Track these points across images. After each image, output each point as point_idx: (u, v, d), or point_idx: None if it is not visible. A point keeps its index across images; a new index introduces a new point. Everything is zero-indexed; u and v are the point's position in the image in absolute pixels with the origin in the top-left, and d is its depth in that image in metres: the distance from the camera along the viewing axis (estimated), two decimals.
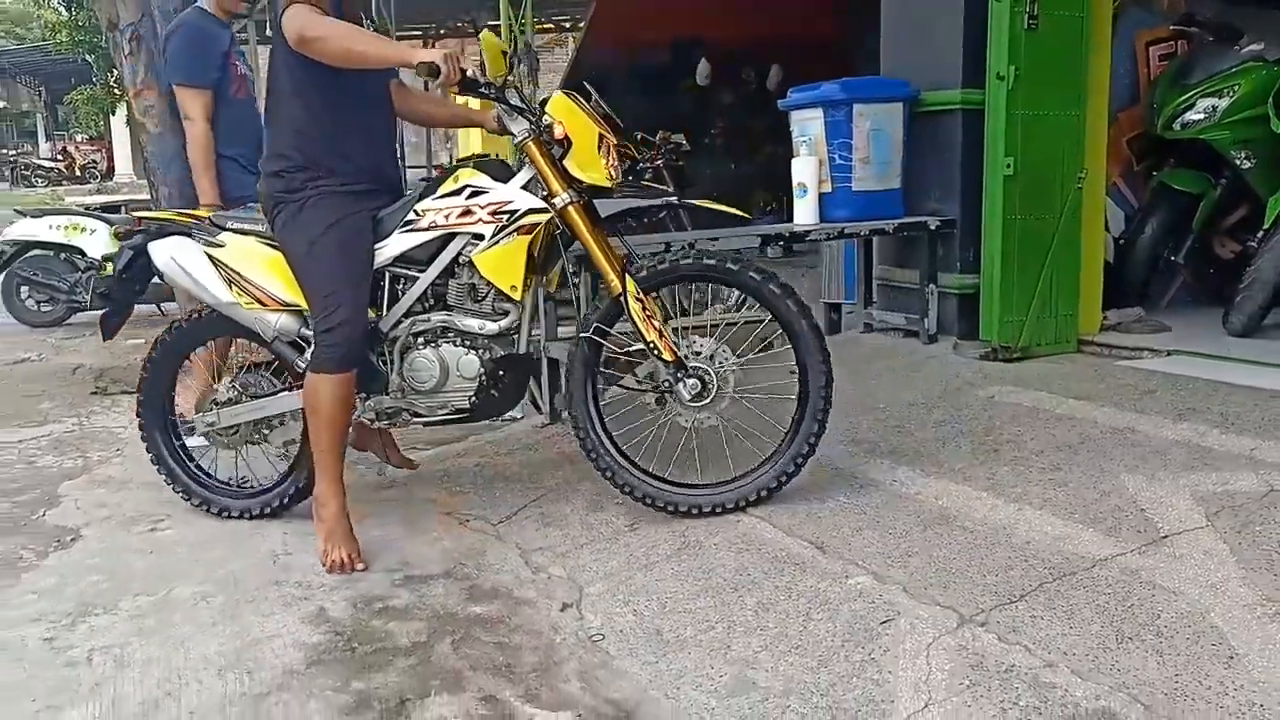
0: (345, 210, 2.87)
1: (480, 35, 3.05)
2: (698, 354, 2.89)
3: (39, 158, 32.85)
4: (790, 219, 4.22)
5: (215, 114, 3.80)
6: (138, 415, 3.27)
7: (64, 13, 19.39)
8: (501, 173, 2.94)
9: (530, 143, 2.82)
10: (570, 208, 2.81)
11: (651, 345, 2.84)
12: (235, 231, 3.07)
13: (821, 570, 2.55)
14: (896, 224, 4.08)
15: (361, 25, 2.94)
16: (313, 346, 2.90)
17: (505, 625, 2.48)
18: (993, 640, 2.13)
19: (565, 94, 2.92)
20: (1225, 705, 1.86)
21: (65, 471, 3.76)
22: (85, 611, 2.58)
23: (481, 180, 2.88)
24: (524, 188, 2.87)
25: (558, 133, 2.79)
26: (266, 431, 3.19)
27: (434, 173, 9.35)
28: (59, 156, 31.54)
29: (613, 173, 2.84)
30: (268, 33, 10.55)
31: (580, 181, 2.83)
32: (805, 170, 4.03)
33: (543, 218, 2.83)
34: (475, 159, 3.44)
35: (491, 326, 2.94)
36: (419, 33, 15.83)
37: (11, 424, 4.47)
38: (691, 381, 2.86)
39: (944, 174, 4.18)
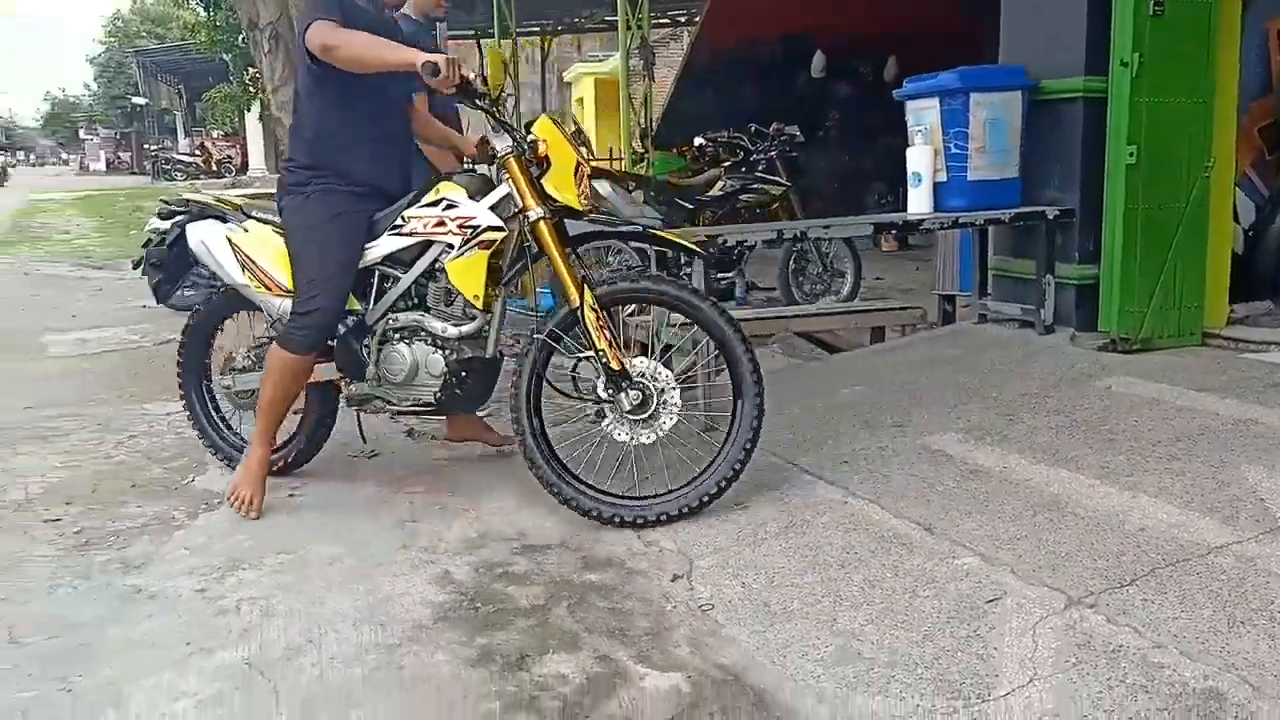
0: (343, 208, 3.16)
1: (486, 46, 3.27)
2: (640, 373, 2.98)
3: (178, 153, 34.58)
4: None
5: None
6: (178, 380, 3.65)
7: (203, 14, 20.40)
8: (483, 187, 3.15)
9: (511, 159, 3.00)
10: (541, 223, 2.97)
11: (600, 352, 2.95)
12: (259, 221, 3.37)
13: (929, 550, 2.58)
14: (1013, 213, 4.05)
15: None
16: (286, 323, 3.20)
17: (618, 593, 2.59)
18: (1101, 621, 2.15)
19: (549, 117, 3.11)
20: None
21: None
22: (232, 566, 2.79)
23: (456, 194, 3.11)
24: (494, 206, 3.06)
25: (540, 150, 2.98)
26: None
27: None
28: (196, 151, 33.13)
29: (583, 199, 3.03)
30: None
31: (554, 200, 2.98)
32: (920, 159, 4.04)
33: (499, 235, 3.05)
34: (460, 172, 3.56)
35: (453, 330, 3.16)
36: (537, 28, 16.12)
37: (162, 398, 4.79)
38: (633, 393, 2.95)
39: (1063, 163, 4.13)
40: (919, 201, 4.06)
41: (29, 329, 6.65)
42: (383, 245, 3.18)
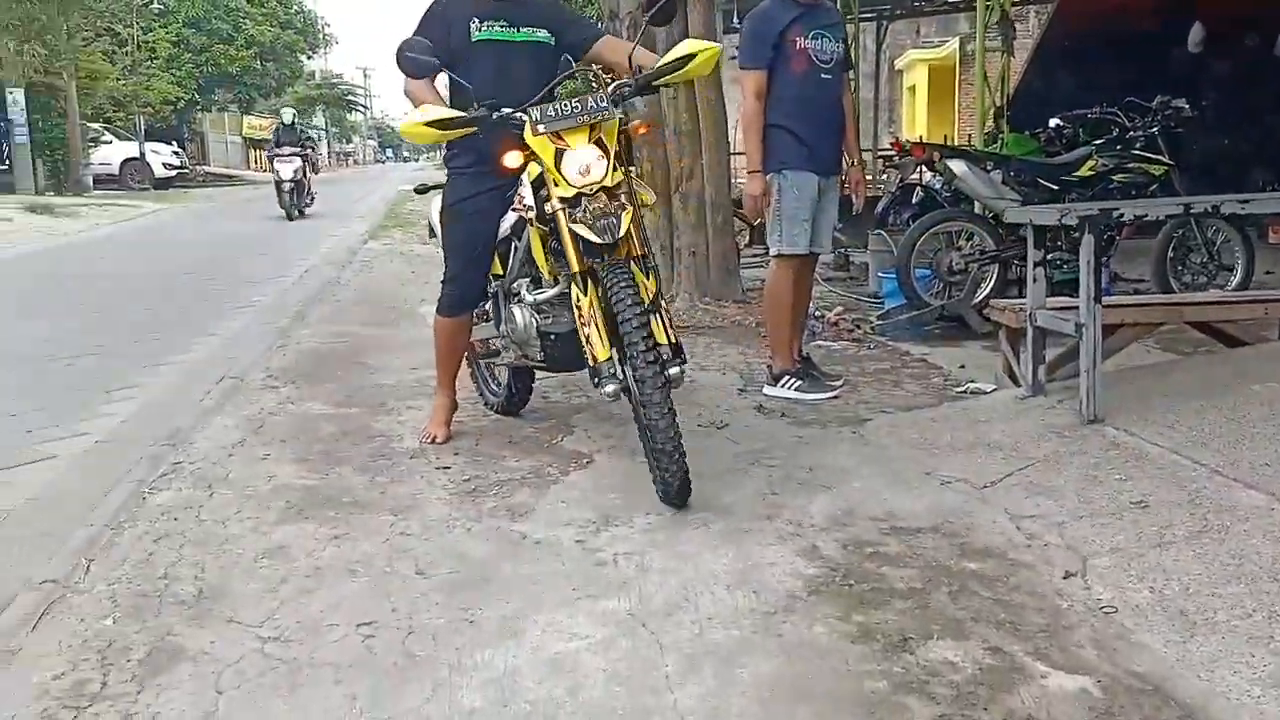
0: (472, 190, 3.48)
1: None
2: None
3: None
4: None
5: (771, 88, 4.15)
6: None
7: None
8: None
9: (544, 139, 3.05)
10: (557, 212, 3.01)
11: (587, 336, 3.02)
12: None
13: None
14: None
15: None
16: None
17: (1003, 584, 2.41)
18: None
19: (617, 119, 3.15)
20: None
21: (574, 406, 4.22)
22: (606, 522, 2.88)
23: (528, 173, 3.20)
24: (538, 187, 3.16)
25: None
26: (497, 351, 3.82)
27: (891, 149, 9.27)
28: None
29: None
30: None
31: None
32: None
33: (530, 214, 3.20)
34: None
35: (529, 297, 3.39)
36: (872, 14, 15.75)
37: None
38: (611, 389, 2.98)
39: None
40: None
41: (410, 299, 7.33)
42: (508, 219, 3.48)
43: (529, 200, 3.18)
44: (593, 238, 2.93)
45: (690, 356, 5.01)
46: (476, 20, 3.44)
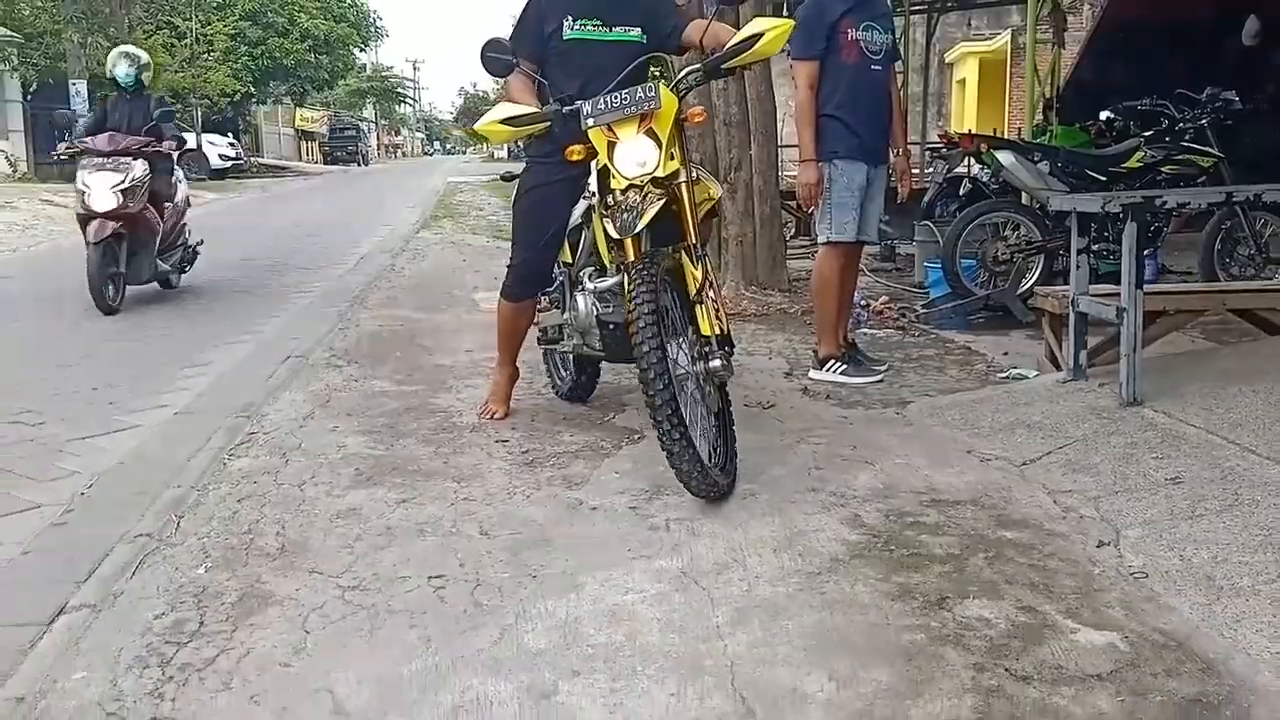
0: (544, 179, 3.59)
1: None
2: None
3: None
4: None
5: (822, 78, 4.29)
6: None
7: None
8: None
9: (598, 130, 3.04)
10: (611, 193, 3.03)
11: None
12: None
13: None
14: None
15: None
16: None
17: (1038, 551, 2.53)
18: None
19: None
20: None
21: (625, 386, 4.37)
22: (657, 491, 3.03)
23: (597, 160, 3.17)
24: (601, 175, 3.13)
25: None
26: (558, 339, 3.84)
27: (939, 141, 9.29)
28: None
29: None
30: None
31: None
32: None
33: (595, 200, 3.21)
34: None
35: (589, 284, 3.40)
36: (923, 6, 15.71)
37: None
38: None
39: None
40: None
41: (464, 286, 7.54)
42: (579, 206, 3.52)
43: (594, 188, 3.23)
44: (611, 231, 2.97)
45: (736, 344, 5.18)
46: (570, 18, 3.49)
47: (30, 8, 21.16)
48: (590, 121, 3.01)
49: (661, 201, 2.91)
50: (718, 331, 2.97)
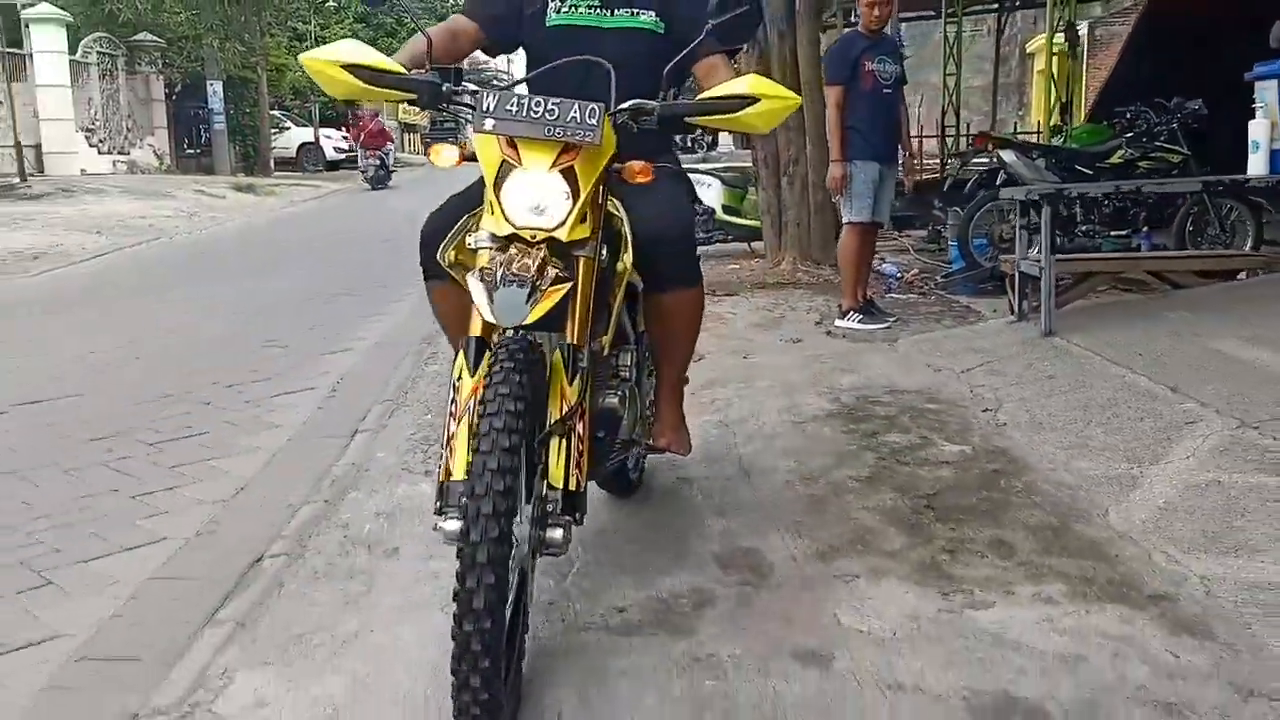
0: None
1: None
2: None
3: None
4: None
5: (847, 99, 5.72)
6: None
7: None
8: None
9: None
10: None
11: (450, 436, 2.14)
12: None
13: (1166, 399, 3.72)
14: None
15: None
16: None
17: (945, 414, 4.02)
18: (1255, 435, 3.23)
19: None
20: None
21: None
22: (710, 385, 4.57)
23: None
24: None
25: None
26: None
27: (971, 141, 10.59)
28: None
29: None
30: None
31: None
32: (1259, 130, 4.87)
33: None
34: None
35: None
36: (980, 8, 16.78)
37: None
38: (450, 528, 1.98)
39: None
40: (1256, 165, 4.88)
41: None
42: None
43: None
44: (485, 312, 1.98)
45: (785, 302, 6.72)
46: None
47: (173, 16, 23.51)
48: (488, 124, 2.08)
49: (563, 289, 2.03)
50: (571, 486, 2.06)
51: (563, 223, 2.08)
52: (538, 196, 2.08)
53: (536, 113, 2.06)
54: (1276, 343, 4.22)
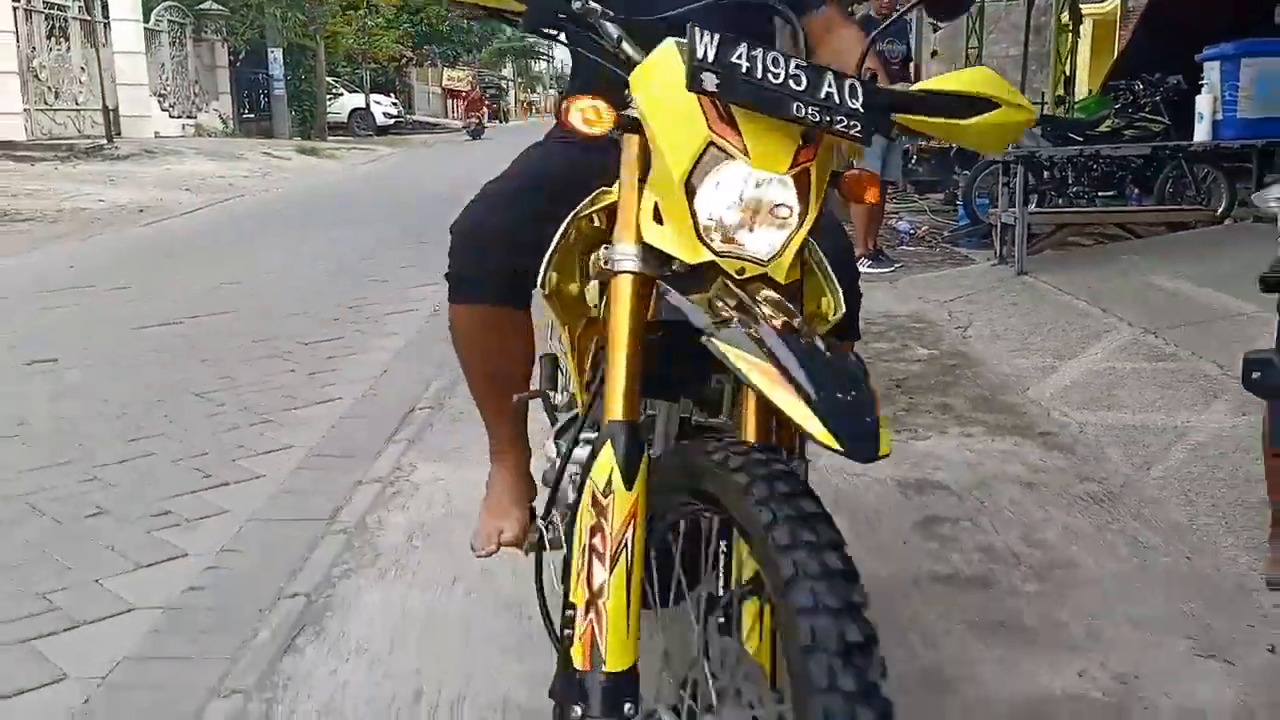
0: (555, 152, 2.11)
1: None
2: None
3: None
4: None
5: None
6: None
7: None
8: None
9: None
10: None
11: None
12: None
13: (1097, 317, 4.74)
14: (1265, 142, 5.70)
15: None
16: None
17: (924, 332, 5.06)
18: (1152, 338, 4.25)
19: None
20: None
21: None
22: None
23: None
24: None
25: None
26: None
27: None
28: None
29: None
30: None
31: None
32: (1204, 103, 5.82)
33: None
34: None
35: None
36: None
37: None
38: None
39: None
40: (1201, 133, 5.83)
41: None
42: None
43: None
44: (816, 430, 1.10)
45: None
46: None
47: None
48: (707, 81, 1.23)
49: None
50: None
51: (782, 247, 1.30)
52: (766, 202, 1.27)
53: (776, 76, 1.25)
54: (1197, 277, 5.21)
